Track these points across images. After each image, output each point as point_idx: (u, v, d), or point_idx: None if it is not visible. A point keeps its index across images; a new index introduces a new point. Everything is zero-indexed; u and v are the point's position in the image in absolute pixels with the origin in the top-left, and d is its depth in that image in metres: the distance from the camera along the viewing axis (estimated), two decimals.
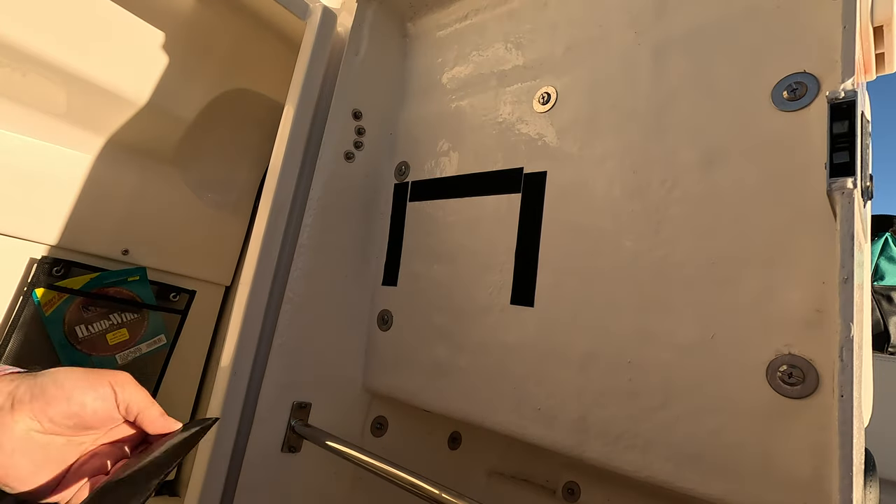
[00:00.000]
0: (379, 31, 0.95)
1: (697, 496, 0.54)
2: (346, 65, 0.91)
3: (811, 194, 0.51)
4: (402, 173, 0.93)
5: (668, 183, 0.61)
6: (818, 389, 0.48)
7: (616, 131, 0.67)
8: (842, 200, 0.40)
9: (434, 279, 0.83)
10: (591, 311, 0.65)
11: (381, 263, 0.93)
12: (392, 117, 0.98)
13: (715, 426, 0.53)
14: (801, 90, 0.53)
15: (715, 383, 0.54)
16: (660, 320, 0.59)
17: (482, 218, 0.79)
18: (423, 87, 0.96)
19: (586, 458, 0.62)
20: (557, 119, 0.74)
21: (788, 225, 0.52)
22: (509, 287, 0.73)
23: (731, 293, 0.55)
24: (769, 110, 0.55)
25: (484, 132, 0.82)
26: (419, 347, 0.83)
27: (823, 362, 0.48)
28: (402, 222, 0.91)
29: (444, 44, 0.94)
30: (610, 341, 0.62)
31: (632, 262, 0.62)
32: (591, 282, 0.65)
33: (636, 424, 0.59)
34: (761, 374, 0.51)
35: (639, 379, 0.59)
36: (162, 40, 0.99)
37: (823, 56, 0.52)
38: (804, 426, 0.48)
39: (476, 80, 0.87)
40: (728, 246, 0.56)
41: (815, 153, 0.51)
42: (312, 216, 0.87)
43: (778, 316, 0.51)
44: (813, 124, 0.52)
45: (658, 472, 0.56)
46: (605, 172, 0.67)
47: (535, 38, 0.80)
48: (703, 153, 0.59)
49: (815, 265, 0.50)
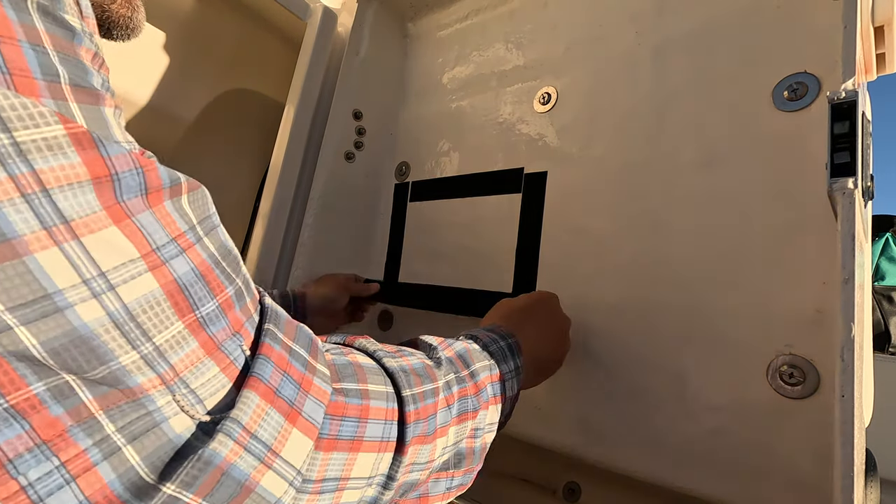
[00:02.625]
0: (379, 32, 0.95)
1: (698, 496, 0.54)
2: (346, 65, 0.91)
3: (812, 194, 0.51)
4: (403, 173, 0.93)
5: (668, 183, 0.61)
6: (819, 389, 0.48)
7: (616, 131, 0.67)
8: (842, 200, 0.40)
9: (434, 279, 0.83)
10: (591, 312, 0.65)
11: (382, 263, 0.93)
12: (392, 117, 0.98)
13: (715, 426, 0.53)
14: (801, 90, 0.53)
15: (715, 383, 0.54)
16: (660, 320, 0.59)
17: (483, 218, 0.79)
18: (423, 88, 0.96)
19: (587, 459, 0.62)
20: (558, 119, 0.74)
21: (789, 225, 0.52)
22: (510, 287, 0.73)
23: (731, 293, 0.55)
24: (770, 110, 0.55)
25: (484, 132, 0.82)
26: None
27: (824, 362, 0.48)
28: (403, 222, 0.91)
29: (444, 44, 0.94)
30: (610, 341, 0.62)
31: (632, 263, 0.62)
32: (591, 282, 0.65)
33: (637, 424, 0.59)
34: (762, 374, 0.51)
35: (639, 379, 0.59)
36: (162, 40, 0.99)
37: (824, 56, 0.52)
38: (805, 426, 0.48)
39: (476, 80, 0.87)
40: (728, 246, 0.56)
41: (815, 153, 0.51)
42: (313, 216, 0.87)
43: (778, 316, 0.51)
44: (814, 124, 0.52)
45: (659, 473, 0.56)
46: (606, 172, 0.67)
47: (536, 38, 0.80)
48: (703, 153, 0.59)
49: (815, 265, 0.50)
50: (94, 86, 0.22)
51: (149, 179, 0.23)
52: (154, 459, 0.22)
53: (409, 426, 0.32)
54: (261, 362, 0.26)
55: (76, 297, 0.19)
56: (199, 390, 0.23)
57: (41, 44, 0.20)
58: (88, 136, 0.20)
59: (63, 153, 0.19)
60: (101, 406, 0.21)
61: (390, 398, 0.32)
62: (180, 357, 0.23)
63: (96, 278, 0.20)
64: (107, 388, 0.21)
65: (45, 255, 0.19)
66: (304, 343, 0.30)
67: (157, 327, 0.22)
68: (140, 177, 0.22)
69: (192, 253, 0.24)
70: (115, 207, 0.21)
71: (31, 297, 0.18)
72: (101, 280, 0.20)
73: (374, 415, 0.31)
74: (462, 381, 0.39)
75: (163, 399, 0.22)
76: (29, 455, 0.19)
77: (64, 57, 0.21)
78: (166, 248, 0.23)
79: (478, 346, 0.44)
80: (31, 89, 0.19)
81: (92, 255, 0.20)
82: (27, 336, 0.18)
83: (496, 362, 0.44)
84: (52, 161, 0.19)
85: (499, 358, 0.44)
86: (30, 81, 0.19)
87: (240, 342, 0.26)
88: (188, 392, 0.23)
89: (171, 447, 0.22)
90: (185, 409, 0.23)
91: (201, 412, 0.23)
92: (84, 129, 0.20)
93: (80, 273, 0.20)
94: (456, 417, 0.37)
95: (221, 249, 0.26)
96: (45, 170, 0.19)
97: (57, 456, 0.19)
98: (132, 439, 0.21)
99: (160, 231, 0.23)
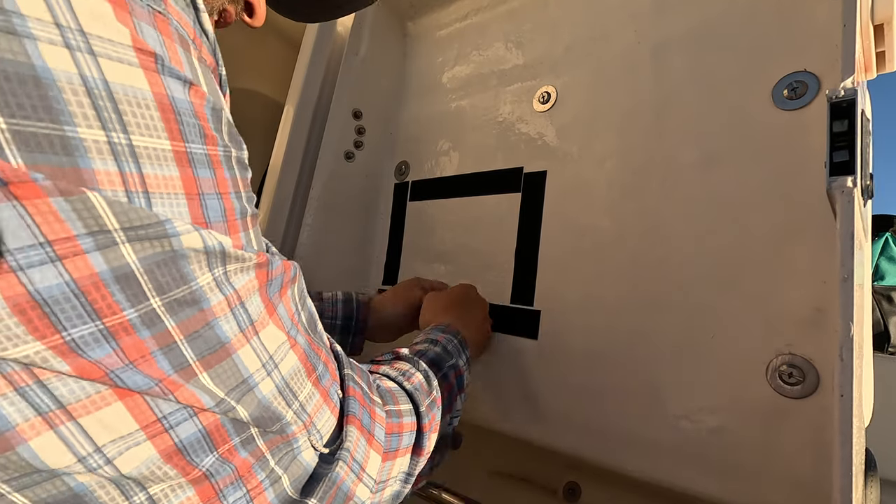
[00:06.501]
0: (379, 31, 0.95)
1: (698, 496, 0.54)
2: (346, 64, 0.91)
3: (812, 193, 0.51)
4: (403, 173, 0.93)
5: (668, 182, 0.61)
6: (818, 389, 0.48)
7: (616, 131, 0.67)
8: (841, 199, 0.40)
9: (434, 279, 0.83)
10: (591, 311, 0.65)
11: (382, 263, 0.93)
12: (392, 117, 0.98)
13: (715, 426, 0.53)
14: (801, 89, 0.53)
15: (715, 383, 0.54)
16: (660, 320, 0.59)
17: (482, 217, 0.79)
18: (423, 87, 0.96)
19: (587, 459, 0.62)
20: (557, 119, 0.74)
21: (789, 224, 0.52)
22: (509, 287, 0.73)
23: (731, 293, 0.55)
24: (770, 109, 0.55)
25: (484, 132, 0.82)
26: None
27: (823, 362, 0.48)
28: (403, 222, 0.91)
29: (444, 43, 0.94)
30: (610, 341, 0.62)
31: (632, 262, 0.62)
32: (590, 281, 0.65)
33: (637, 424, 0.58)
34: (761, 373, 0.51)
35: (639, 378, 0.59)
36: None
37: (824, 55, 0.52)
38: (804, 426, 0.48)
39: (476, 79, 0.87)
40: (728, 245, 0.55)
41: (815, 152, 0.51)
42: (312, 216, 0.87)
43: (778, 315, 0.51)
44: (813, 123, 0.51)
45: (659, 472, 0.56)
46: (605, 172, 0.67)
47: (536, 38, 0.80)
48: (703, 152, 0.59)
49: (815, 264, 0.50)
50: (253, 211, 0.29)
51: (283, 279, 0.30)
52: (296, 482, 0.30)
53: (426, 433, 0.42)
54: (352, 403, 0.34)
55: (258, 378, 0.27)
56: (322, 429, 0.32)
57: (239, 189, 0.27)
58: (265, 259, 0.28)
59: (249, 273, 0.26)
60: (268, 447, 0.29)
61: (413, 414, 0.42)
62: (312, 407, 0.31)
63: (266, 364, 0.27)
64: (272, 435, 0.29)
65: (245, 351, 0.26)
66: (365, 380, 0.38)
67: (300, 388, 0.30)
68: (282, 276, 0.30)
69: (301, 329, 0.31)
70: (269, 304, 0.28)
71: (234, 382, 0.26)
72: (270, 363, 0.28)
73: (407, 428, 0.40)
74: (441, 383, 0.49)
75: (303, 438, 0.31)
76: (232, 487, 0.27)
77: (247, 194, 0.28)
78: (292, 330, 0.30)
79: (440, 348, 0.53)
80: (235, 228, 0.26)
81: (264, 345, 0.27)
82: (242, 411, 0.26)
83: (455, 360, 0.54)
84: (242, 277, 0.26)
85: (456, 355, 0.54)
86: (235, 223, 0.26)
87: (337, 388, 0.34)
88: (315, 431, 0.31)
89: (305, 473, 0.31)
90: (313, 443, 0.31)
91: (320, 444, 0.32)
92: (264, 255, 0.28)
93: (260, 358, 0.27)
94: (443, 413, 0.47)
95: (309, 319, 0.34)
96: (240, 287, 0.26)
97: (245, 486, 0.28)
98: (285, 469, 0.30)
99: (286, 317, 0.30)
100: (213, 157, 0.25)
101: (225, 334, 0.25)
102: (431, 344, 0.54)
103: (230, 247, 0.25)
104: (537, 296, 0.70)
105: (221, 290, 0.24)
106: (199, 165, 0.24)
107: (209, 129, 0.24)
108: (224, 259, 0.25)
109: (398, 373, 0.45)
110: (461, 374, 0.54)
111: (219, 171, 0.25)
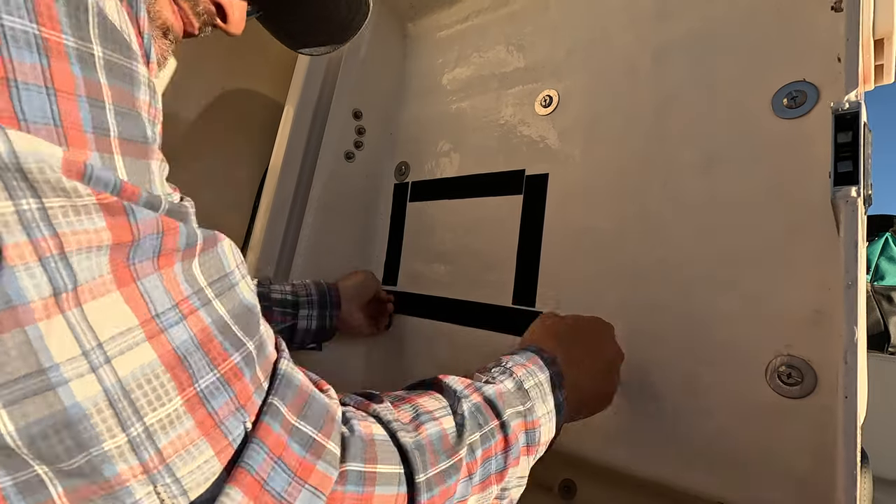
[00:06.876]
0: (379, 32, 0.95)
1: (696, 495, 0.54)
2: (346, 65, 0.91)
3: (810, 198, 0.51)
4: (403, 173, 0.94)
5: (668, 186, 0.62)
6: (816, 389, 0.49)
7: (617, 134, 0.68)
8: (846, 209, 0.41)
9: (434, 279, 0.83)
10: (592, 312, 0.65)
11: (382, 263, 0.93)
12: (392, 117, 0.98)
13: (714, 426, 0.54)
14: (800, 98, 0.53)
15: (715, 383, 0.55)
16: (660, 320, 0.59)
17: (483, 219, 0.79)
18: (423, 88, 0.96)
19: (584, 456, 0.62)
20: (559, 122, 0.74)
21: (787, 227, 0.53)
22: (511, 288, 0.73)
23: (730, 295, 0.55)
24: (769, 117, 0.55)
25: (485, 134, 0.83)
26: (420, 348, 0.83)
27: (822, 362, 0.49)
28: (403, 222, 0.91)
29: (444, 45, 0.94)
30: None
31: (633, 264, 0.63)
32: (592, 283, 0.66)
33: (635, 423, 0.59)
34: (760, 374, 0.52)
35: (639, 378, 0.59)
36: None
37: (823, 65, 0.53)
38: (803, 426, 0.49)
39: (477, 81, 0.87)
40: (728, 248, 0.56)
41: (814, 159, 0.51)
42: (312, 216, 0.87)
43: (777, 316, 0.52)
44: (812, 131, 0.52)
45: (657, 471, 0.57)
46: (607, 175, 0.67)
47: (537, 41, 0.80)
48: (703, 156, 0.59)
49: (813, 267, 0.50)
50: (144, 139, 0.23)
51: (164, 242, 0.21)
52: None
53: None
54: (252, 449, 0.23)
55: (73, 373, 0.18)
56: (185, 479, 0.21)
57: (101, 98, 0.20)
58: (120, 205, 0.20)
59: (90, 219, 0.19)
60: (70, 502, 0.19)
61: (401, 481, 0.28)
62: (171, 439, 0.20)
63: (95, 350, 0.18)
64: (80, 481, 0.19)
65: (47, 325, 0.17)
66: (315, 416, 0.26)
67: (152, 404, 0.20)
68: (157, 240, 0.21)
69: (193, 319, 0.22)
70: (124, 271, 0.20)
71: (25, 371, 0.17)
72: (98, 352, 0.19)
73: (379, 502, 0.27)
74: (489, 438, 0.34)
75: (142, 490, 0.20)
76: None
77: (120, 109, 0.21)
78: (167, 314, 0.21)
79: (512, 384, 0.38)
80: (80, 142, 0.19)
81: (91, 324, 0.18)
82: (5, 422, 0.17)
83: (533, 405, 0.38)
84: (77, 226, 0.18)
85: (536, 397, 0.39)
86: (80, 135, 0.19)
87: (244, 418, 0.23)
88: (172, 482, 0.20)
89: None
90: (164, 502, 0.20)
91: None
92: (116, 199, 0.20)
93: (80, 344, 0.18)
94: (479, 485, 0.33)
95: (235, 310, 0.24)
96: (67, 233, 0.18)
97: None
98: None
99: (164, 296, 0.21)
100: (50, 42, 0.18)
101: (19, 293, 0.17)
102: (502, 374, 0.40)
103: (55, 165, 0.18)
104: (539, 297, 0.70)
105: (26, 230, 0.17)
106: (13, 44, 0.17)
107: (52, 10, 0.19)
108: (34, 183, 0.17)
109: (400, 423, 0.31)
110: (537, 426, 0.38)
111: (57, 62, 0.18)
